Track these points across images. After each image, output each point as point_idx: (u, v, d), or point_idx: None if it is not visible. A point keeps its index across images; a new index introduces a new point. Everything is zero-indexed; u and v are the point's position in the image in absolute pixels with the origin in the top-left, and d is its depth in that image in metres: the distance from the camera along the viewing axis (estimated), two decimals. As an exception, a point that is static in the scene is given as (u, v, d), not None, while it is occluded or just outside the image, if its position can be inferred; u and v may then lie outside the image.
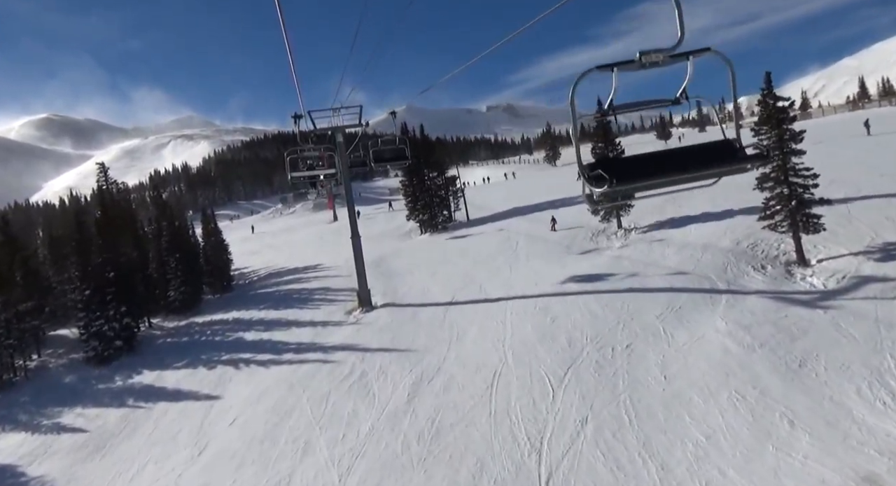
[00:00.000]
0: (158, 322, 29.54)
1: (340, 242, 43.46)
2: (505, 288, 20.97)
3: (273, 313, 26.00)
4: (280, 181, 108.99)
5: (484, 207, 42.36)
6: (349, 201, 23.97)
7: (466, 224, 38.80)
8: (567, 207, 33.97)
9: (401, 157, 21.25)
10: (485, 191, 56.35)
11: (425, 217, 39.38)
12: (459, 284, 23.23)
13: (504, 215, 37.66)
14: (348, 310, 23.54)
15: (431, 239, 36.75)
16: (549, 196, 39.11)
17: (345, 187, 23.80)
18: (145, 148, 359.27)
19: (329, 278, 30.60)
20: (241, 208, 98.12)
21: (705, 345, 12.47)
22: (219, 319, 27.19)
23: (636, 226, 24.61)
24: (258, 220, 77.53)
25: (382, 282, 26.34)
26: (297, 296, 28.36)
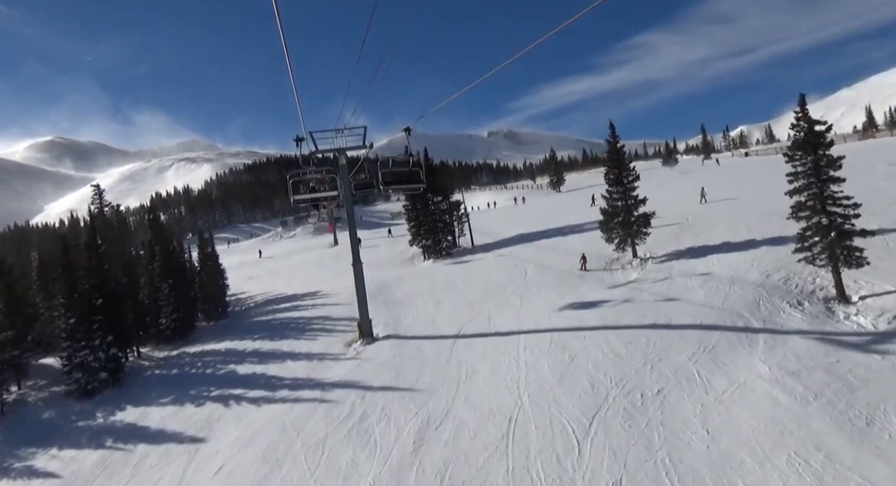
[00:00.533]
0: (148, 352, 28.07)
1: (341, 267, 42.25)
2: (516, 320, 19.65)
3: (268, 343, 24.57)
4: (281, 204, 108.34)
5: (489, 233, 41.22)
6: (351, 226, 22.80)
7: (471, 250, 37.59)
8: (576, 233, 32.88)
9: (414, 180, 19.20)
10: (489, 216, 55.28)
11: (429, 243, 38.19)
12: (466, 315, 21.90)
13: (510, 242, 36.49)
14: (348, 342, 22.15)
15: (435, 266, 35.49)
16: (556, 222, 38.10)
17: (347, 212, 22.70)
18: (148, 171, 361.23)
19: (328, 306, 29.22)
20: (241, 231, 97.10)
21: (749, 394, 11.10)
22: (211, 349, 25.72)
23: (652, 255, 23.40)
24: (258, 244, 76.39)
25: (385, 311, 25.01)
26: (294, 325, 26.95)
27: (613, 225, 23.64)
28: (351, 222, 22.66)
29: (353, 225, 22.86)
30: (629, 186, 23.46)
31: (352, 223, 22.73)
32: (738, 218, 25.27)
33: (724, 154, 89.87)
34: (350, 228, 22.63)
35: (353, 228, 22.71)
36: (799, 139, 14.57)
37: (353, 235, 22.52)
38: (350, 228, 22.63)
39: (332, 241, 59.59)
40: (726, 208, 28.48)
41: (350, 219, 22.74)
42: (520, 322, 19.37)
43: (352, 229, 22.57)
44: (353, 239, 22.41)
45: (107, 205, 35.32)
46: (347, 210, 22.62)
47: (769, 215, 23.35)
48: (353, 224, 22.85)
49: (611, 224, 23.77)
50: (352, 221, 22.79)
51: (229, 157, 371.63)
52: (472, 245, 39.14)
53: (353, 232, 22.55)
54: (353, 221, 22.87)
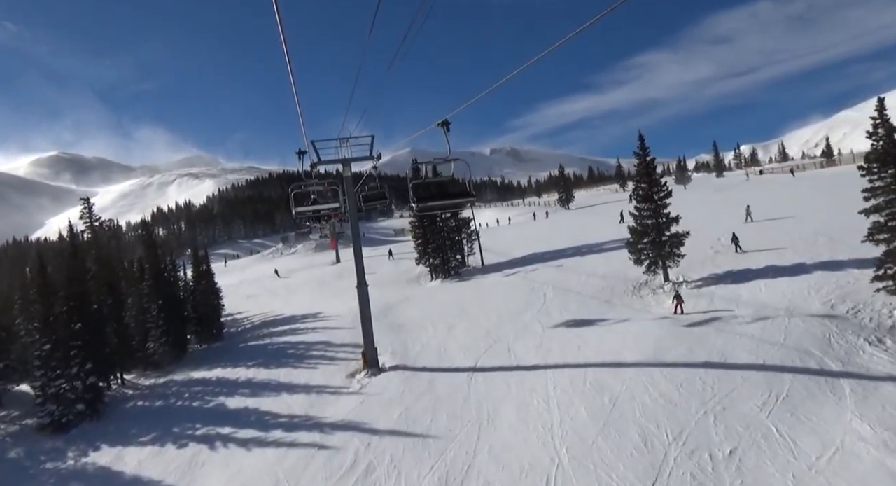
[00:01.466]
0: (133, 379, 25.88)
1: (343, 286, 40.16)
2: (540, 352, 17.51)
3: (263, 371, 22.40)
4: (282, 220, 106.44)
5: (499, 252, 39.11)
6: (356, 245, 20.78)
7: (481, 270, 35.48)
8: (595, 253, 30.81)
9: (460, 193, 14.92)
10: (498, 234, 53.19)
11: (437, 262, 36.14)
12: (482, 343, 19.77)
13: (523, 262, 34.40)
14: (351, 372, 20.00)
15: (444, 287, 33.38)
16: (572, 241, 36.03)
17: (352, 228, 20.72)
18: (151, 186, 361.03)
19: (330, 330, 27.06)
20: (241, 247, 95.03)
21: (854, 462, 8.95)
22: (201, 377, 23.54)
23: (685, 279, 21.31)
24: (257, 260, 74.30)
25: (391, 337, 22.89)
26: (292, 351, 24.80)
27: (643, 245, 21.61)
28: (356, 241, 20.67)
29: (358, 243, 20.86)
30: (660, 203, 21.47)
31: (357, 242, 20.74)
32: (781, 237, 23.21)
33: (736, 172, 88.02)
34: (355, 247, 20.61)
35: (358, 247, 20.69)
36: (878, 149, 12.58)
37: (359, 255, 20.49)
38: (355, 247, 20.61)
39: (334, 258, 57.55)
40: (774, 229, 26.29)
41: (355, 237, 20.78)
42: (544, 354, 17.23)
43: (357, 249, 20.55)
44: (359, 259, 20.38)
45: (97, 220, 33.39)
46: (352, 227, 20.67)
47: (814, 236, 21.34)
48: (358, 242, 20.86)
49: (640, 244, 21.74)
50: (357, 239, 20.83)
51: (231, 172, 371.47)
52: (483, 264, 37.05)
53: (359, 251, 20.53)
54: (358, 239, 20.91)
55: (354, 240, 20.60)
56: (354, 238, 20.72)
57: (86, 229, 32.99)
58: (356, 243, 20.60)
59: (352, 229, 20.58)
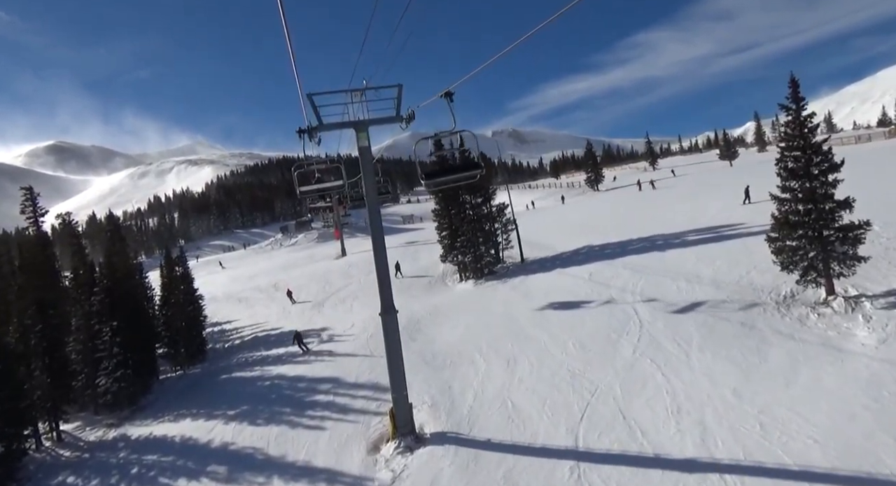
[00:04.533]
0: (76, 430, 19.36)
1: (352, 290, 33.45)
2: (685, 427, 10.74)
3: (247, 431, 15.78)
4: (282, 208, 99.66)
5: (539, 245, 32.18)
6: (378, 247, 13.66)
7: (523, 269, 28.61)
8: (679, 248, 23.83)
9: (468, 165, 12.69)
10: (528, 221, 45.08)
11: (468, 259, 29.33)
12: (571, 395, 13.10)
13: (575, 258, 27.52)
14: (373, 442, 13.40)
15: (480, 291, 26.61)
16: (634, 230, 28.97)
17: (370, 220, 13.66)
18: (148, 174, 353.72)
19: (339, 358, 20.42)
20: (238, 238, 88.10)
21: None
22: (162, 435, 16.96)
23: (864, 292, 14.44)
24: (254, 253, 67.60)
25: (426, 375, 16.33)
26: (289, 392, 18.18)
27: (797, 241, 14.73)
28: (377, 241, 13.57)
29: (380, 242, 13.66)
30: (825, 181, 14.54)
31: (379, 241, 13.60)
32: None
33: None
34: (376, 252, 13.56)
35: (380, 250, 13.57)
36: None
37: (382, 263, 13.51)
38: (376, 252, 13.56)
39: (339, 251, 50.80)
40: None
41: (375, 234, 13.62)
42: (692, 431, 10.48)
43: (379, 253, 13.51)
44: (383, 271, 13.45)
45: (43, 212, 26.53)
46: (371, 217, 13.59)
47: None
48: (380, 241, 13.66)
49: (790, 240, 14.86)
50: (379, 238, 13.68)
51: (231, 158, 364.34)
52: (522, 260, 30.22)
53: (382, 258, 13.52)
54: (380, 238, 13.73)
55: (375, 240, 13.57)
56: (374, 233, 13.57)
57: (29, 226, 26.25)
58: (377, 245, 13.58)
59: (370, 222, 13.49)
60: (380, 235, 13.48)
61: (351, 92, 12.85)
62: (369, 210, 13.53)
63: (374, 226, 13.45)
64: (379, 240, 13.38)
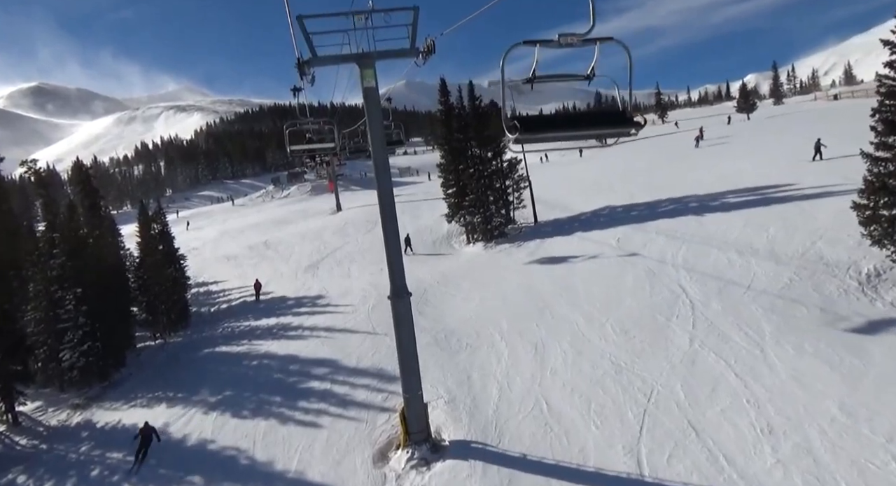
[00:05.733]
0: (36, 412, 17.08)
1: (350, 250, 30.84)
2: (802, 461, 8.38)
3: (230, 424, 13.50)
4: (274, 158, 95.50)
5: (553, 204, 29.43)
6: (386, 215, 10.87)
7: (536, 231, 26.00)
8: (717, 212, 21.13)
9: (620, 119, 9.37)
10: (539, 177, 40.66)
11: (476, 220, 26.62)
12: (621, 395, 10.79)
13: (595, 220, 24.88)
14: (380, 449, 11.12)
15: (490, 256, 24.10)
16: (661, 191, 26.16)
17: (378, 177, 10.72)
18: (136, 119, 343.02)
19: (337, 334, 18.01)
20: (227, 189, 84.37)
21: None
22: (131, 424, 14.66)
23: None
24: (244, 206, 64.38)
25: (439, 360, 14.04)
26: (279, 376, 15.86)
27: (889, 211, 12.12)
28: (388, 208, 10.76)
29: (390, 209, 10.80)
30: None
31: (389, 209, 10.78)
32: None
33: (796, 99, 76.34)
34: (385, 222, 10.75)
35: (390, 220, 10.78)
36: None
37: (393, 239, 10.79)
38: (385, 222, 10.75)
39: (333, 206, 47.83)
40: None
41: (384, 200, 10.79)
42: (812, 470, 8.15)
43: (389, 227, 10.73)
44: (394, 249, 10.75)
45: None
46: (379, 178, 10.71)
47: None
48: (390, 208, 10.79)
49: (884, 208, 12.25)
50: (388, 202, 10.81)
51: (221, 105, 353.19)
52: (535, 221, 27.57)
53: (392, 231, 10.76)
54: (390, 201, 10.83)
55: (383, 207, 10.76)
56: (383, 198, 10.76)
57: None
58: (386, 214, 10.78)
59: (379, 184, 10.62)
60: (389, 200, 10.69)
61: (353, 14, 9.72)
62: (377, 168, 10.68)
63: (383, 189, 10.61)
64: (388, 208, 10.62)
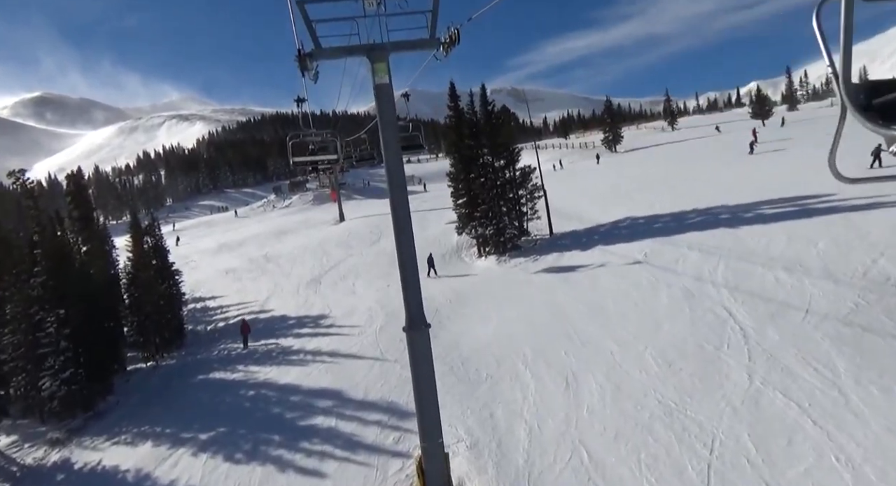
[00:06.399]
0: (10, 448, 15.49)
1: (353, 263, 29.32)
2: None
3: (221, 469, 11.91)
4: (275, 166, 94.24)
5: (569, 215, 27.90)
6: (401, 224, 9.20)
7: (552, 244, 24.49)
8: (753, 224, 19.55)
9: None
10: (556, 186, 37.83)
11: (489, 232, 25.12)
12: (683, 450, 9.16)
13: (615, 233, 23.34)
14: (396, 505, 9.51)
15: (505, 271, 22.57)
16: (685, 201, 24.58)
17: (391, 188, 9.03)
18: (139, 129, 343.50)
19: (342, 360, 16.44)
20: (228, 198, 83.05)
21: None
22: (112, 467, 13.12)
23: None
24: (245, 215, 62.95)
25: (457, 395, 12.51)
26: (278, 410, 14.27)
27: None
28: (403, 224, 9.12)
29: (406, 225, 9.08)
30: None
31: (405, 225, 9.12)
32: None
33: (811, 105, 74.78)
34: (400, 241, 9.10)
35: (407, 238, 9.08)
36: None
37: (410, 261, 9.12)
38: (400, 241, 9.10)
39: (336, 216, 46.39)
40: None
41: (399, 213, 9.15)
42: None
43: (405, 246, 9.09)
44: (410, 272, 9.11)
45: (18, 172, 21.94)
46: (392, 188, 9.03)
47: None
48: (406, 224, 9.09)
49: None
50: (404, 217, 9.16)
51: (223, 114, 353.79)
52: (551, 234, 26.05)
53: (409, 252, 9.08)
54: (405, 216, 9.13)
55: (398, 223, 9.13)
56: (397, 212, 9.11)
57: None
58: (401, 231, 9.14)
59: (392, 196, 8.95)
60: (405, 213, 9.06)
61: None
62: (390, 177, 9.00)
63: (397, 201, 8.97)
64: (404, 223, 8.98)
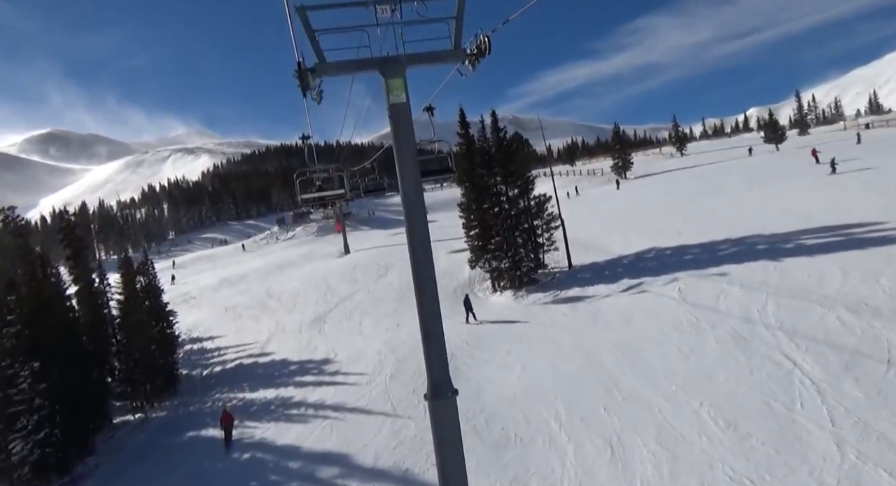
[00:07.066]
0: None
1: (359, 299, 27.68)
2: None
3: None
4: (279, 197, 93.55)
5: (588, 245, 26.31)
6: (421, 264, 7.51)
7: (572, 278, 22.82)
8: (797, 256, 17.82)
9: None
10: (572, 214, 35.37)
11: (504, 265, 23.51)
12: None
13: (643, 265, 21.70)
14: None
15: (524, 308, 20.86)
16: (718, 229, 22.90)
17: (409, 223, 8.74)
18: (145, 162, 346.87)
19: (349, 415, 14.65)
20: (231, 230, 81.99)
21: None
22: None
23: None
24: (248, 248, 61.53)
25: (481, 462, 10.72)
26: (277, 477, 12.45)
27: None
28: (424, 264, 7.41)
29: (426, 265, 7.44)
30: None
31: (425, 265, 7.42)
32: None
33: (822, 128, 73.67)
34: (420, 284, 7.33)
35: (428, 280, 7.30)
36: None
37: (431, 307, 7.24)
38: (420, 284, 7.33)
39: (341, 248, 44.99)
40: None
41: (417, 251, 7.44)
42: None
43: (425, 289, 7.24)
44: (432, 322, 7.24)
45: None
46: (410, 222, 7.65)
47: None
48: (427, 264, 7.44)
49: None
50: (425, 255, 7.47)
51: (229, 146, 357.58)
52: (570, 266, 24.42)
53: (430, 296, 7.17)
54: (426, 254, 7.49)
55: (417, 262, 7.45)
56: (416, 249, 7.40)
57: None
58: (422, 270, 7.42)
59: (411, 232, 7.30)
60: (427, 259, 7.19)
61: (375, 5, 6.53)
62: (408, 212, 7.15)
63: (417, 242, 6.86)
64: (426, 270, 7.07)
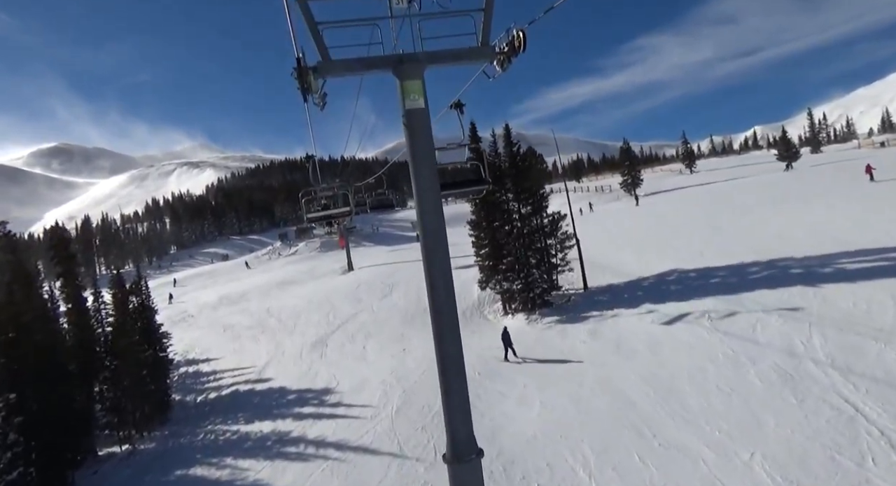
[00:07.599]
0: None
1: (363, 319, 26.42)
2: None
3: None
4: (282, 212, 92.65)
5: (604, 266, 25.07)
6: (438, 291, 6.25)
7: (588, 301, 21.55)
8: (837, 282, 16.53)
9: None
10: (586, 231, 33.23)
11: (516, 286, 22.27)
12: None
13: (665, 288, 20.46)
14: None
15: (539, 334, 19.55)
16: (746, 251, 21.66)
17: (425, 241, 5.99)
18: (150, 176, 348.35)
19: (352, 455, 13.33)
20: (233, 245, 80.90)
21: None
22: None
23: None
24: (253, 263, 60.35)
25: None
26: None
27: None
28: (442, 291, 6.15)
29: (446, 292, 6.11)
30: None
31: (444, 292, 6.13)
32: None
33: (834, 147, 72.76)
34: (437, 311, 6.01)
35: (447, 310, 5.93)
36: None
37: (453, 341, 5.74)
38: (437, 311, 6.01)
39: (344, 265, 43.80)
40: None
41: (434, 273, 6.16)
42: None
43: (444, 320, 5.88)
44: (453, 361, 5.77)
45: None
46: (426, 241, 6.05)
47: None
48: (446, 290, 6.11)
49: None
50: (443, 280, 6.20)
51: (233, 160, 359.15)
52: (585, 288, 23.17)
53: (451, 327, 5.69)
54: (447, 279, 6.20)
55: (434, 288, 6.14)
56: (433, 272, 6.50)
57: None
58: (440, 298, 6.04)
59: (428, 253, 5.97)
60: (448, 294, 5.86)
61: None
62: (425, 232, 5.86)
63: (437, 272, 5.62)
64: (447, 310, 5.75)
